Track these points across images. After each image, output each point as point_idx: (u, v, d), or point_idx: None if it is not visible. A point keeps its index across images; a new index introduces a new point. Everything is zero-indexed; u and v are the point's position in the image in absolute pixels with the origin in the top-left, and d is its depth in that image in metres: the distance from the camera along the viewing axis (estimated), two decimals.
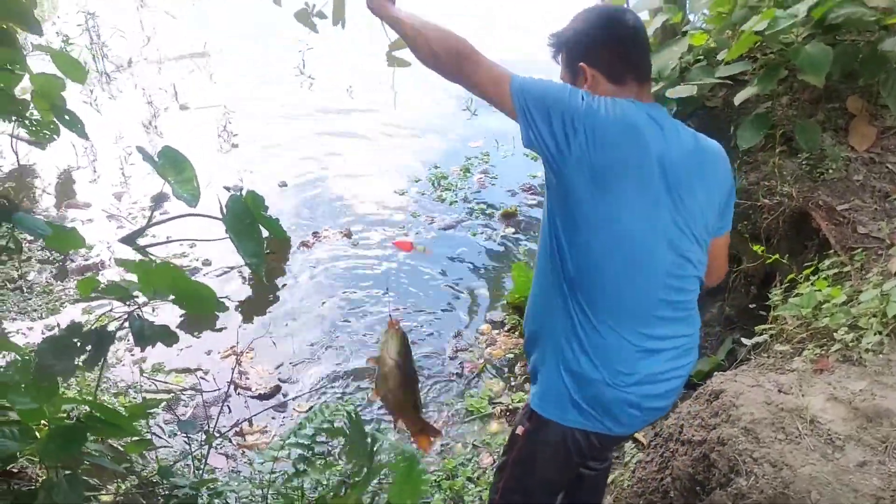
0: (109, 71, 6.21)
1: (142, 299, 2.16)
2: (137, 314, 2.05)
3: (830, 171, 3.20)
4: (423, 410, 2.11)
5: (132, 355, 3.62)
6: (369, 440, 1.85)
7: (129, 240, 4.35)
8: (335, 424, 2.06)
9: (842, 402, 2.26)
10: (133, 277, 2.06)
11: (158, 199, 4.71)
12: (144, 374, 3.36)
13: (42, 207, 4.71)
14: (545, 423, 1.88)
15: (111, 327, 2.15)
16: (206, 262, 4.34)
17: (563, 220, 1.76)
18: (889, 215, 3.01)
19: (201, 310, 2.15)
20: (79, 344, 1.99)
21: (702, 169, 1.83)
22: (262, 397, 3.42)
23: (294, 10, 2.70)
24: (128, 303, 2.12)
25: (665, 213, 1.74)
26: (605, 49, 1.81)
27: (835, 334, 2.47)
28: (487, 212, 4.75)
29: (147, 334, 2.02)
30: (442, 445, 3.23)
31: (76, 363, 1.99)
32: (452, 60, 1.78)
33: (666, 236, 1.77)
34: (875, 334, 2.37)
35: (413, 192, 4.97)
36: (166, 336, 2.15)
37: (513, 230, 4.64)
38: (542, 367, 1.90)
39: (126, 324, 2.12)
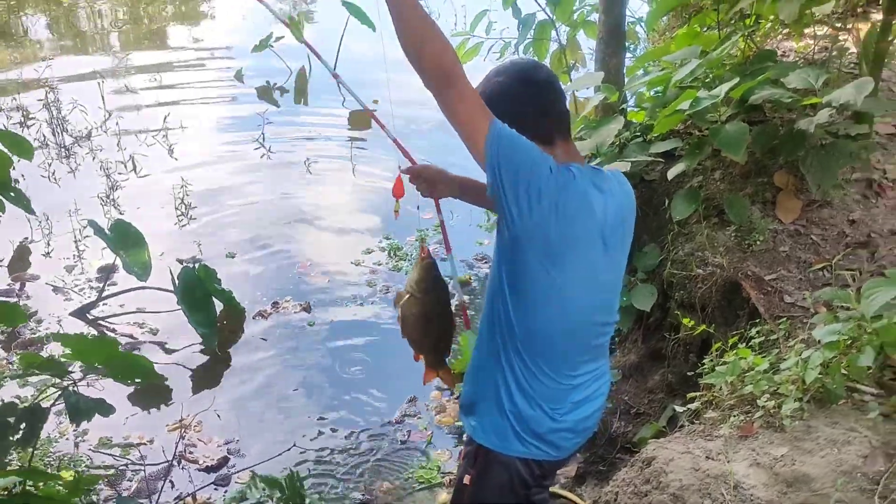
0: (68, 144, 6.27)
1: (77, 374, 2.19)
2: (73, 389, 2.08)
3: (759, 242, 3.35)
4: (447, 358, 2.18)
5: (74, 429, 3.59)
6: None
7: (81, 313, 4.36)
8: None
9: (764, 467, 2.34)
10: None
11: (106, 272, 4.75)
12: (91, 448, 3.34)
13: None
14: (490, 461, 1.99)
15: (46, 403, 2.18)
16: (154, 332, 4.34)
17: (510, 280, 1.86)
18: (813, 285, 3.14)
19: (142, 378, 2.19)
20: (12, 422, 2.02)
21: (628, 219, 1.98)
22: (209, 469, 3.41)
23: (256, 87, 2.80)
24: (65, 378, 2.16)
25: (602, 275, 1.90)
26: (528, 108, 1.83)
27: (758, 401, 2.56)
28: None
29: (82, 408, 2.06)
30: None
31: (11, 441, 2.01)
32: (438, 80, 1.70)
33: (601, 296, 1.95)
34: (795, 401, 2.47)
35: (369, 263, 5.05)
36: (102, 409, 2.19)
37: (468, 298, 4.72)
38: (481, 402, 2.00)
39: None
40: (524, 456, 1.98)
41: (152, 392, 3.87)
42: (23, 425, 2.01)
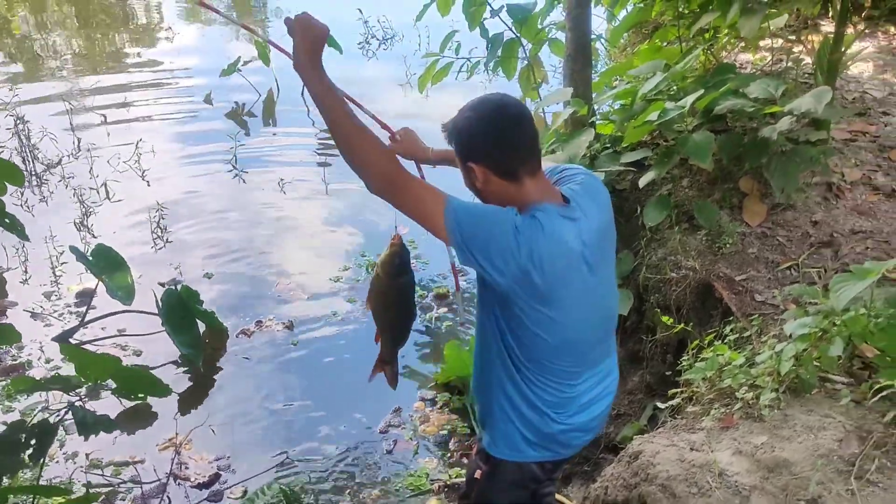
0: (40, 172, 6.26)
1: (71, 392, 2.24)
2: (80, 405, 2.13)
3: (728, 245, 3.51)
4: (398, 349, 2.27)
5: (64, 453, 3.61)
6: None
7: (63, 338, 4.36)
8: None
9: (746, 455, 2.47)
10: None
11: (86, 297, 4.76)
12: (83, 469, 3.36)
13: None
14: (501, 463, 2.09)
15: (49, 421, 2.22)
16: (137, 353, 4.37)
17: (506, 319, 1.91)
18: (781, 284, 3.30)
19: (147, 393, 2.24)
20: (23, 439, 2.07)
21: (608, 231, 2.03)
22: (200, 486, 3.45)
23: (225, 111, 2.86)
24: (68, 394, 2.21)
25: (594, 295, 1.96)
26: (494, 147, 1.84)
27: (737, 394, 2.69)
28: (420, 294, 4.92)
29: (89, 423, 2.11)
30: None
31: (22, 458, 2.06)
32: (381, 188, 1.76)
33: (597, 313, 2.02)
34: (771, 392, 2.61)
35: (347, 279, 5.12)
36: (107, 426, 2.24)
37: (445, 310, 4.82)
38: (489, 417, 2.09)
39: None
40: (537, 460, 2.09)
41: (137, 415, 3.90)
42: (33, 442, 2.05)
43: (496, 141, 1.84)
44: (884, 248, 3.41)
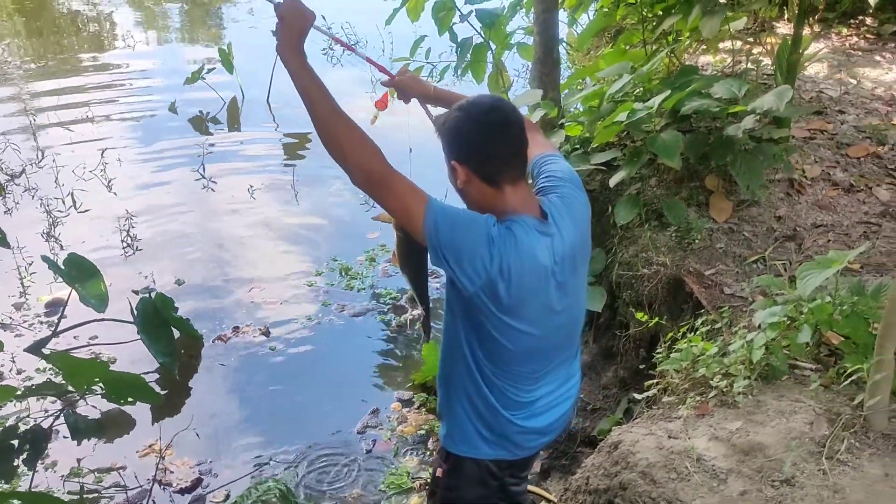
0: (3, 182, 6.18)
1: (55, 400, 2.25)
2: (71, 410, 2.15)
3: (696, 241, 3.62)
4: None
5: (42, 462, 3.58)
6: None
7: (36, 348, 4.33)
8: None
9: (722, 440, 2.57)
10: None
11: (53, 306, 4.73)
12: (62, 477, 3.35)
13: None
14: (459, 460, 2.12)
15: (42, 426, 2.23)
16: (112, 360, 4.34)
17: (470, 322, 1.93)
18: (749, 277, 3.42)
19: (137, 398, 2.26)
20: (17, 445, 2.08)
21: (582, 246, 2.05)
22: (183, 491, 3.46)
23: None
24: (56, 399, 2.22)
25: (559, 306, 1.97)
26: (478, 150, 1.84)
27: (711, 382, 2.79)
28: (394, 296, 4.97)
29: (82, 428, 2.12)
30: None
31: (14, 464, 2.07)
32: (367, 184, 1.78)
33: (561, 324, 2.03)
34: (744, 379, 2.71)
35: (322, 283, 5.15)
36: (98, 430, 2.26)
37: (418, 312, 4.87)
38: (448, 412, 2.12)
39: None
40: (491, 457, 2.11)
41: (113, 422, 3.89)
42: (27, 447, 2.06)
43: (480, 144, 1.84)
44: (844, 241, 3.55)
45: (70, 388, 2.22)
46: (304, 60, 1.80)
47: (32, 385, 2.12)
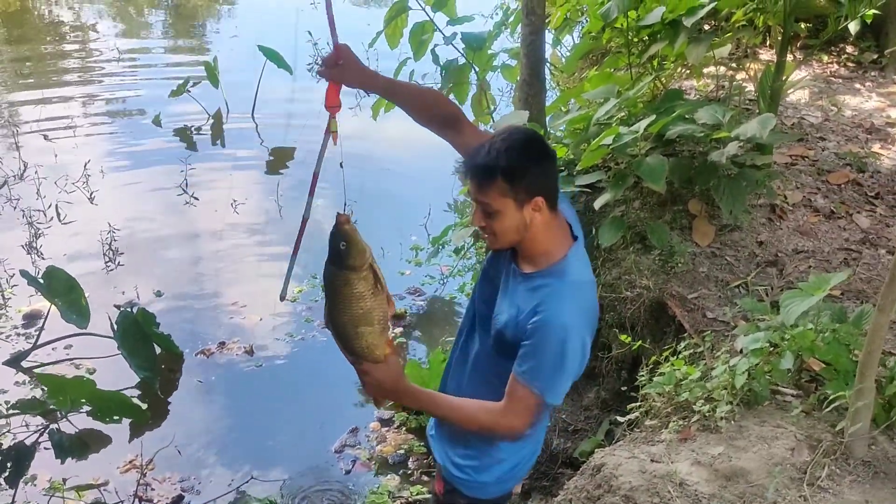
0: None
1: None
2: (56, 428, 2.12)
3: (679, 264, 3.64)
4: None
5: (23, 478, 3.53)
6: None
7: (15, 361, 4.27)
8: None
9: (704, 465, 2.58)
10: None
11: (31, 318, 4.68)
12: (46, 492, 3.29)
13: None
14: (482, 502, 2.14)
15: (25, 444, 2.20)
16: (91, 371, 4.29)
17: None
18: (731, 301, 3.45)
19: (122, 415, 2.24)
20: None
21: None
22: None
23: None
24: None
25: None
26: (550, 179, 1.85)
27: (694, 407, 2.80)
28: None
29: (67, 446, 2.10)
30: None
31: None
32: (519, 435, 1.89)
33: None
34: (727, 404, 2.73)
35: (304, 298, 5.13)
36: (81, 449, 2.24)
37: (401, 330, 4.86)
38: (481, 457, 2.09)
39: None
40: (507, 491, 2.18)
41: (94, 438, 3.84)
42: (9, 465, 2.03)
43: (553, 174, 1.87)
44: (825, 267, 3.60)
45: (54, 405, 2.20)
46: (413, 389, 1.88)
47: (13, 401, 2.08)
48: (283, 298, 2.27)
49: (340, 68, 1.99)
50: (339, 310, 1.77)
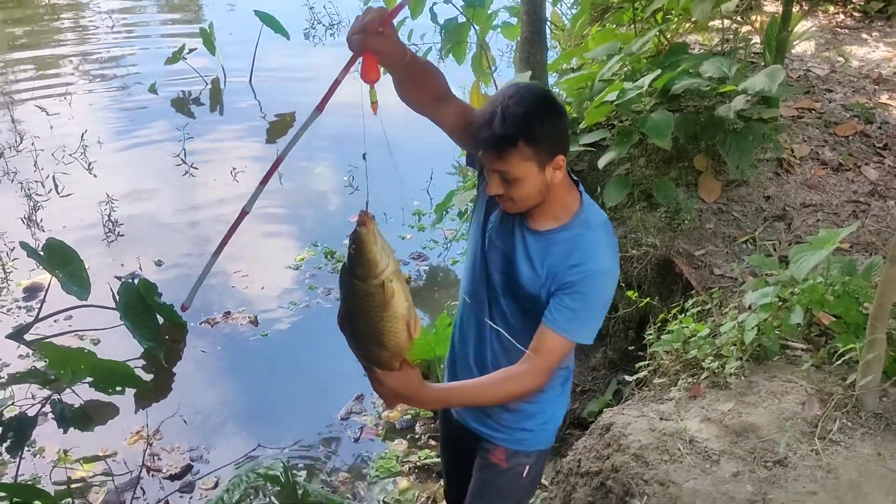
0: None
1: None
2: (58, 398, 2.10)
3: (686, 221, 3.60)
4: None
5: (29, 449, 3.53)
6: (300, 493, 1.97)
7: (18, 335, 4.26)
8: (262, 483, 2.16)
9: (714, 422, 2.56)
10: None
11: (32, 291, 4.67)
12: (54, 464, 3.30)
13: None
14: (538, 454, 2.15)
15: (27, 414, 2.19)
16: (95, 342, 4.30)
17: None
18: (738, 257, 3.41)
19: (125, 386, 2.22)
20: (0, 432, 2.03)
21: None
22: (172, 478, 3.43)
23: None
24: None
25: None
26: (566, 134, 1.82)
27: (703, 363, 2.78)
28: None
29: (69, 417, 2.08)
30: None
31: None
32: (547, 380, 1.88)
33: None
34: (736, 360, 2.70)
35: (307, 266, 5.10)
36: (85, 420, 2.22)
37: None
38: (534, 413, 2.09)
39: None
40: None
41: (97, 410, 3.84)
42: (11, 434, 2.02)
43: (566, 127, 1.81)
44: (833, 220, 3.55)
45: (56, 376, 2.18)
46: (431, 394, 1.85)
47: (16, 373, 2.07)
48: (186, 308, 2.09)
49: (383, 36, 1.71)
50: (350, 316, 1.65)
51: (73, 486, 3.20)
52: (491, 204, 1.97)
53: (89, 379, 2.54)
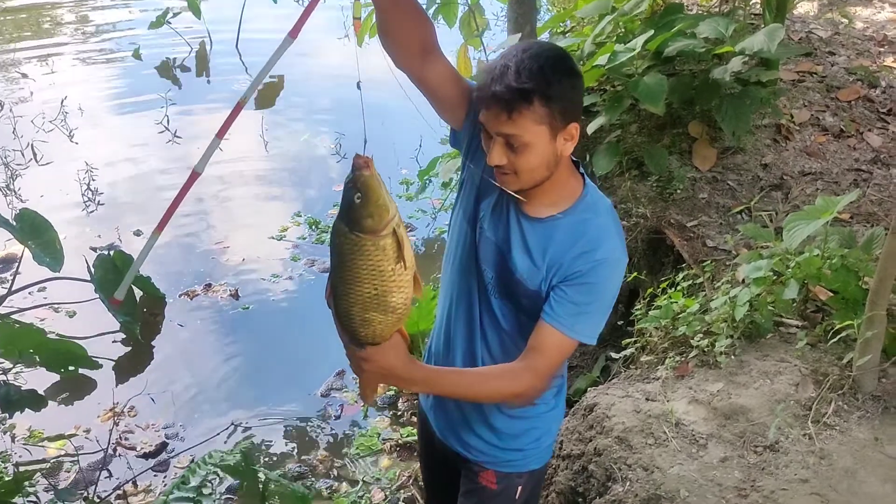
0: None
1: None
2: (3, 380, 1.98)
3: (678, 191, 3.45)
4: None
5: (2, 424, 3.44)
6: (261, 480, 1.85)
7: None
8: (221, 472, 2.04)
9: (702, 403, 2.43)
10: None
11: (5, 263, 4.54)
12: (19, 442, 3.20)
13: None
14: (535, 474, 1.95)
15: None
16: (71, 315, 4.21)
17: None
18: (733, 228, 3.26)
19: (76, 366, 2.09)
20: None
21: None
22: (147, 456, 3.33)
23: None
24: None
25: None
26: (581, 102, 1.66)
27: (692, 341, 2.65)
28: None
29: (14, 399, 1.95)
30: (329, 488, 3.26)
31: None
32: (547, 384, 1.70)
33: None
34: (727, 338, 2.57)
35: (290, 236, 4.95)
36: (35, 401, 2.09)
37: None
38: (529, 430, 1.88)
39: None
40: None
41: (73, 385, 3.73)
42: None
43: (582, 93, 1.64)
44: (833, 189, 3.39)
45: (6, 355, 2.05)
46: (420, 374, 1.61)
47: None
48: (118, 301, 1.86)
49: None
50: (346, 285, 1.38)
51: (43, 465, 3.10)
52: (483, 190, 1.73)
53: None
